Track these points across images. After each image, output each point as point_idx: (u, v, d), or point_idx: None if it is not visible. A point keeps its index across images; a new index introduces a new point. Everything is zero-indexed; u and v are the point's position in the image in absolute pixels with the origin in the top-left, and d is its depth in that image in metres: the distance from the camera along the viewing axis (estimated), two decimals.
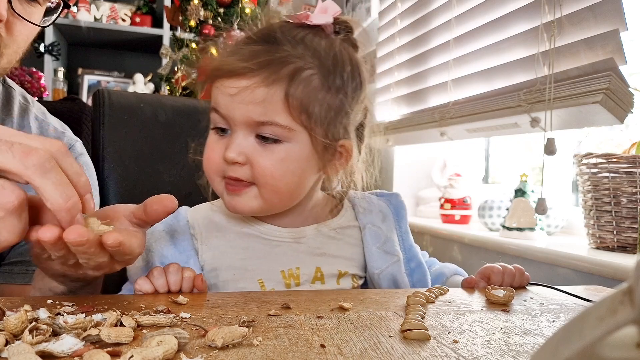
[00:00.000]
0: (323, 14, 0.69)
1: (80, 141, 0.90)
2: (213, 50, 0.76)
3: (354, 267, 0.77)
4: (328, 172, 0.73)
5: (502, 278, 0.73)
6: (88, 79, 2.98)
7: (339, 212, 0.80)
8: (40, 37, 2.66)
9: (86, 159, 0.89)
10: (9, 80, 0.85)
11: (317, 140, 0.67)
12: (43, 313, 0.46)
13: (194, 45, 2.31)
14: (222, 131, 0.69)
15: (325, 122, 0.67)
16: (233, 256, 0.73)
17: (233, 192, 0.68)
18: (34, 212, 0.51)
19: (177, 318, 0.49)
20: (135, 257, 0.57)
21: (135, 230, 0.58)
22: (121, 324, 0.45)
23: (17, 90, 0.85)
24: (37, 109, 0.86)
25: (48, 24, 0.75)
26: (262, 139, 0.66)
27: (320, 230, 0.77)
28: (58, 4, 0.75)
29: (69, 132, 0.89)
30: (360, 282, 0.78)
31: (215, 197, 0.77)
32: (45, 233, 0.48)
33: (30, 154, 0.46)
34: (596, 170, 1.13)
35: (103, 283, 0.87)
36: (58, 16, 0.75)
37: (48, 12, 0.74)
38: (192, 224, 0.75)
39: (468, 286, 0.73)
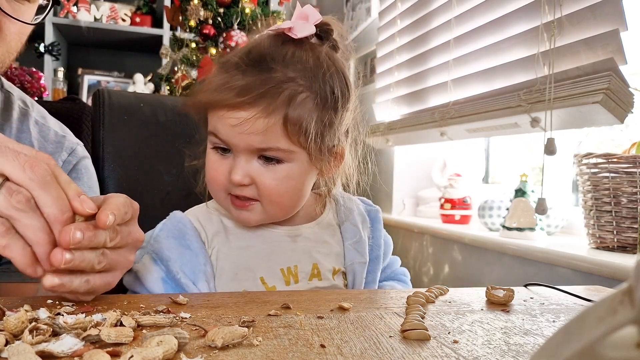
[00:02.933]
0: (304, 22, 0.71)
1: (82, 144, 0.89)
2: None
3: (343, 264, 0.80)
4: (324, 174, 0.77)
5: None
6: (88, 79, 2.98)
7: (325, 208, 0.84)
8: (40, 37, 2.66)
9: (87, 163, 0.89)
10: (7, 84, 0.83)
11: (314, 155, 0.71)
12: (43, 313, 0.46)
13: (194, 45, 2.31)
14: (222, 150, 0.71)
15: (320, 138, 0.70)
16: (236, 257, 0.75)
17: (240, 207, 0.72)
18: None
19: (177, 318, 0.49)
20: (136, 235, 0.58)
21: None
22: (121, 324, 0.45)
23: (16, 95, 0.84)
24: (36, 113, 0.85)
25: (38, 21, 0.73)
26: (265, 159, 0.69)
27: (313, 228, 0.80)
28: (49, 1, 0.73)
29: (69, 135, 0.88)
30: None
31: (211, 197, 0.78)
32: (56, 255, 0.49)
33: (35, 167, 0.48)
34: (596, 170, 1.13)
35: None
36: (47, 13, 0.74)
37: (40, 10, 0.73)
38: (198, 228, 0.76)
39: None
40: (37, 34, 2.63)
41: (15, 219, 0.48)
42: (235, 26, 2.27)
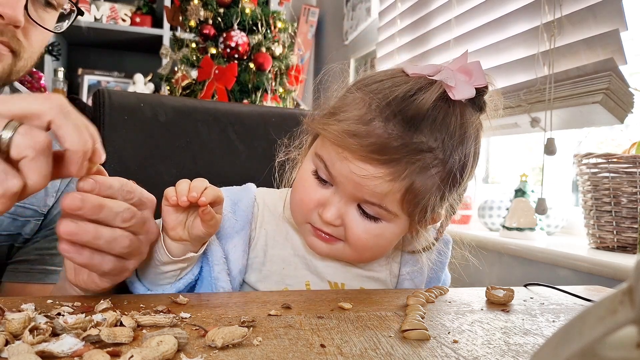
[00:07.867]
0: (466, 81, 0.65)
1: None
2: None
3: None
4: (412, 234, 0.72)
5: None
6: (88, 79, 2.98)
7: None
8: None
9: None
10: (16, 84, 0.85)
11: (414, 223, 0.67)
12: (42, 318, 0.46)
13: (194, 45, 2.31)
14: (323, 181, 0.66)
15: (430, 211, 0.65)
16: (287, 249, 0.73)
17: (322, 240, 0.68)
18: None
19: (177, 318, 0.49)
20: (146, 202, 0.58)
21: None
22: (121, 324, 0.45)
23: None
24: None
25: (61, 30, 0.75)
26: (365, 212, 0.65)
27: None
28: (71, 10, 0.76)
29: None
30: None
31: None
32: (85, 184, 0.52)
33: (51, 97, 0.47)
34: (596, 170, 1.13)
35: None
36: (72, 22, 0.76)
37: (61, 17, 0.75)
38: (258, 201, 0.74)
39: None
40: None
41: (32, 158, 0.44)
42: (235, 26, 2.27)
